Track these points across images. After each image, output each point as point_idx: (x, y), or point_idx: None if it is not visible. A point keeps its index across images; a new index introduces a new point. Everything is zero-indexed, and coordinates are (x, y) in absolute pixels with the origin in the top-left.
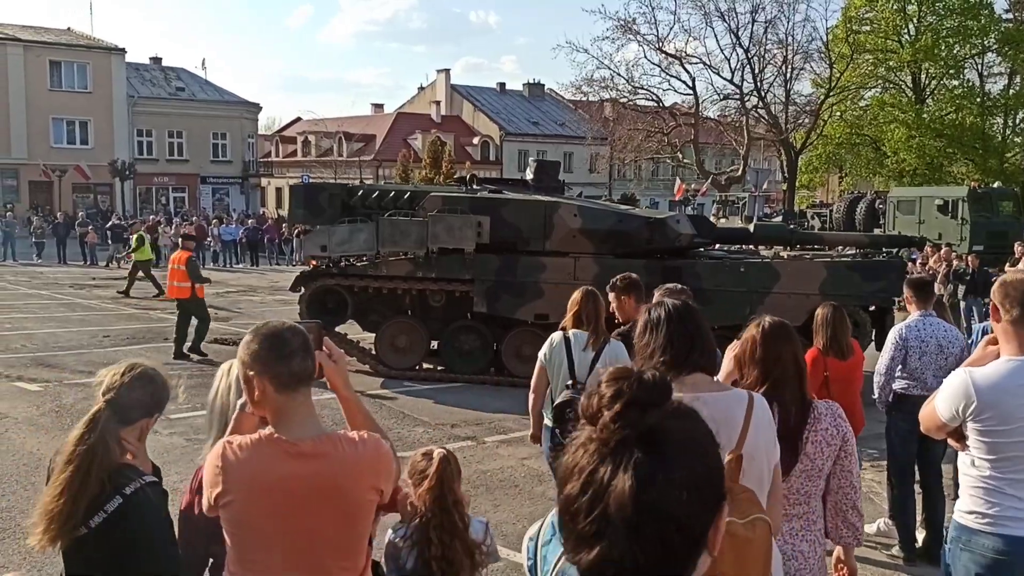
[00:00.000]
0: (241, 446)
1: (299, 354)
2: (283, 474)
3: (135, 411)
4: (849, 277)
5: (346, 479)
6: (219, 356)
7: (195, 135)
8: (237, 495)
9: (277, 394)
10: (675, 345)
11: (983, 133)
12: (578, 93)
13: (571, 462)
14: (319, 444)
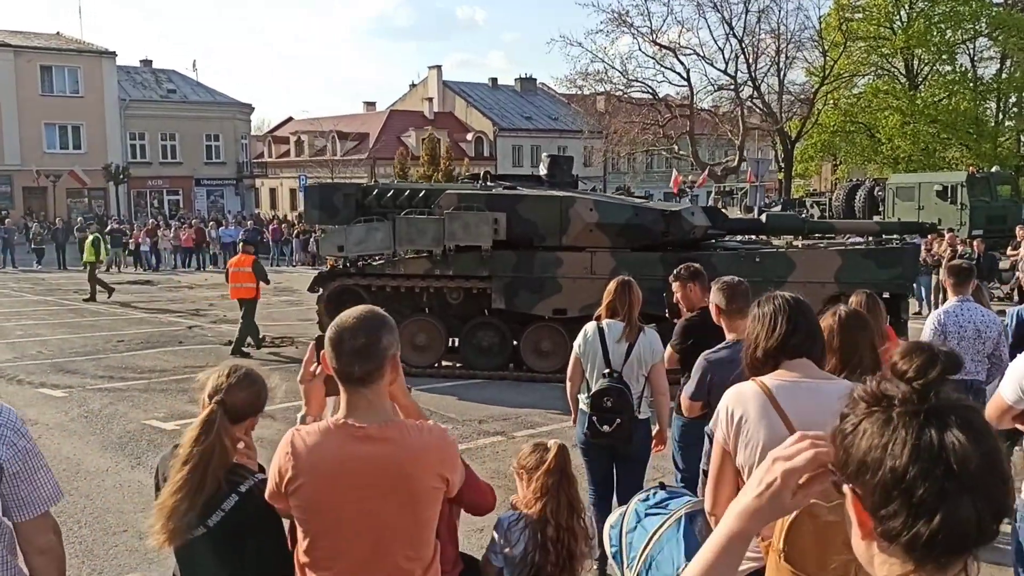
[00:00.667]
0: (310, 432)
1: (347, 357)
2: (349, 456)
3: (242, 411)
4: (864, 264)
5: (411, 464)
6: (231, 357)
7: (188, 137)
8: (307, 478)
9: (340, 384)
10: (785, 332)
11: (976, 118)
12: (573, 87)
13: (880, 440)
14: (385, 429)
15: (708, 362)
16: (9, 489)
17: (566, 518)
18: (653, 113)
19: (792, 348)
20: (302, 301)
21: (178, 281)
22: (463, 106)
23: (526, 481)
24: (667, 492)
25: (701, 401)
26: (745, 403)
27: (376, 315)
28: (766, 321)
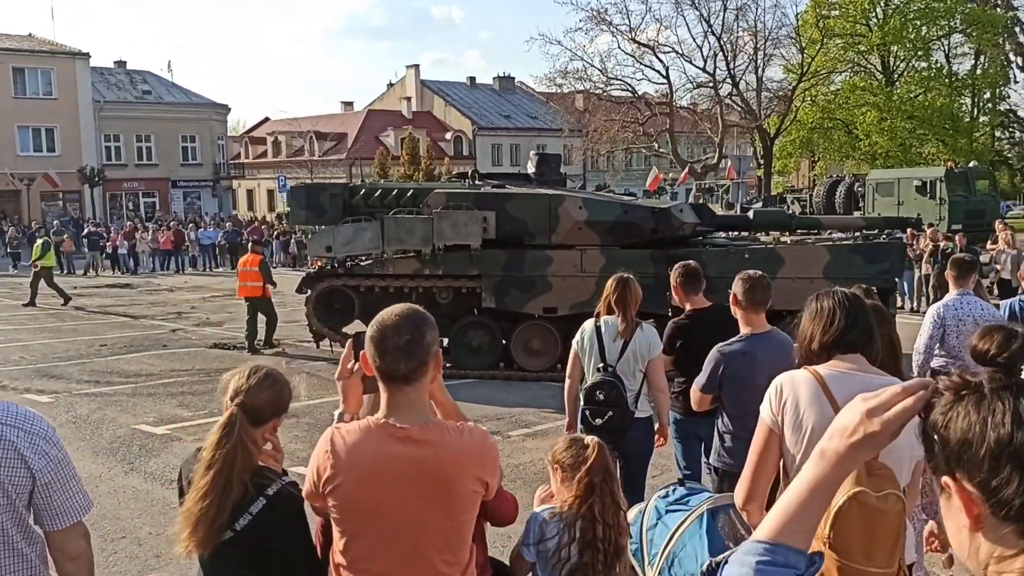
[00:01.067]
0: (350, 431)
1: (391, 355)
2: (390, 456)
3: (264, 412)
4: (851, 260)
5: (451, 465)
6: (222, 361)
7: (164, 138)
8: (345, 478)
9: (382, 381)
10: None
11: (952, 114)
12: (553, 85)
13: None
14: (426, 430)
15: (722, 354)
16: (43, 499)
17: (612, 515)
18: (633, 111)
19: (848, 343)
20: (286, 303)
21: (158, 284)
22: (441, 105)
23: (564, 478)
24: (687, 488)
25: (712, 394)
26: (796, 388)
27: (417, 312)
28: (824, 315)
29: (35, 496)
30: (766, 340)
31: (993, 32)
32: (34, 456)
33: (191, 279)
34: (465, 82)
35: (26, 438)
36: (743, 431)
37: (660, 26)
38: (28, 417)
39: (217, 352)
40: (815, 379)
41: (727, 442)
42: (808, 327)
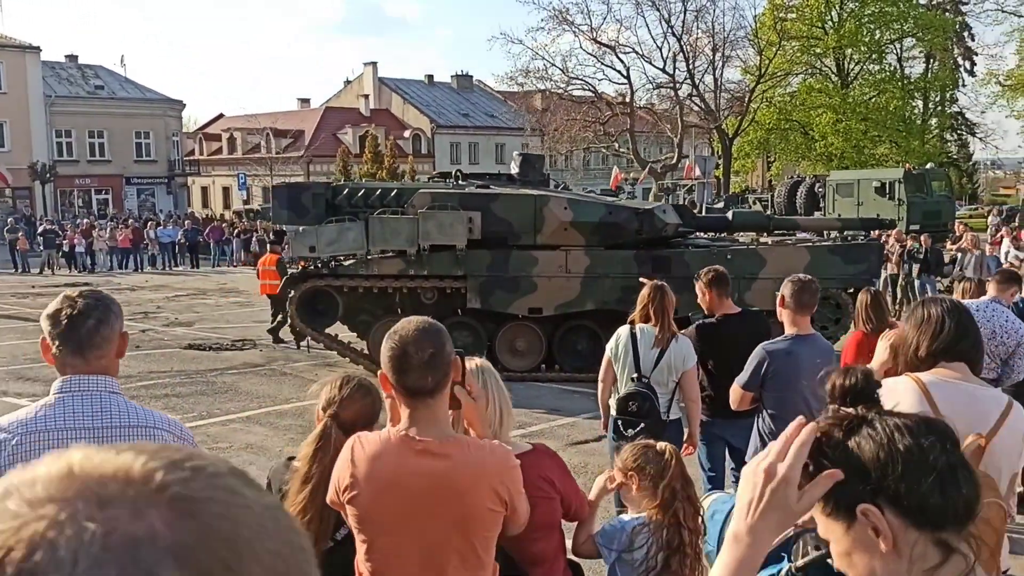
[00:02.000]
0: (370, 441)
1: (417, 370)
2: (406, 470)
3: (356, 424)
4: (831, 260)
5: (467, 481)
6: (197, 362)
7: (117, 134)
8: (362, 488)
9: (403, 397)
10: (954, 335)
11: (904, 116)
12: (514, 84)
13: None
14: (446, 444)
15: (767, 352)
16: None
17: (692, 519)
18: (593, 111)
19: (957, 352)
20: (252, 303)
21: (118, 283)
22: (400, 103)
23: (642, 487)
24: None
25: (753, 392)
26: (897, 395)
27: (434, 323)
28: (932, 322)
29: None
30: (810, 342)
31: (944, 36)
32: None
33: (152, 278)
34: (423, 80)
35: (180, 444)
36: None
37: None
38: (176, 424)
39: (193, 353)
40: (917, 386)
41: (768, 441)
42: (913, 334)
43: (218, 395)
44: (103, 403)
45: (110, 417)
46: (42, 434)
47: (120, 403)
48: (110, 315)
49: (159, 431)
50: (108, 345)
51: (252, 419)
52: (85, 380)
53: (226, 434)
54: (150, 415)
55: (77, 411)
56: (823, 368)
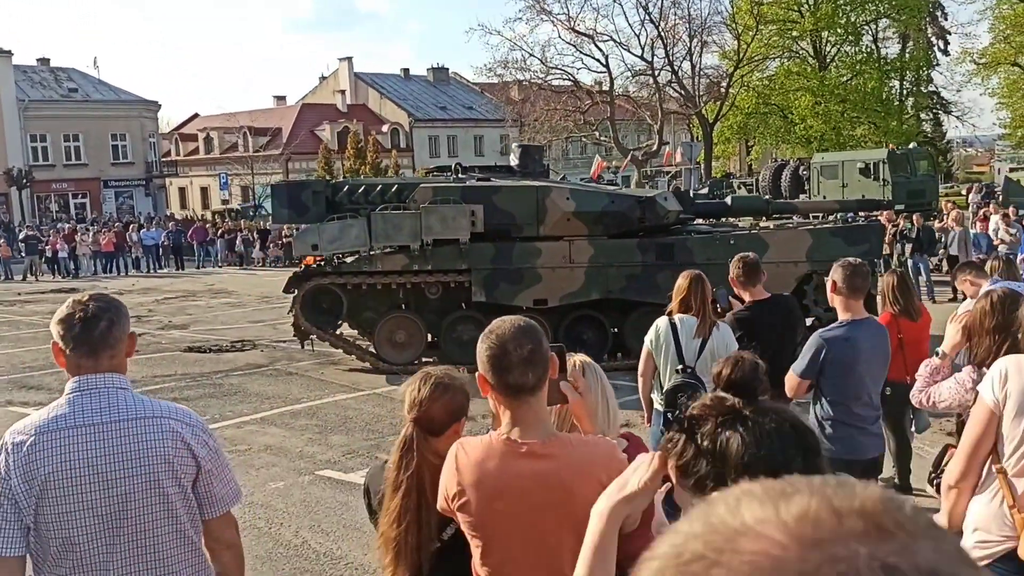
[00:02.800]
0: (473, 447)
1: (519, 367)
2: (512, 473)
3: (441, 422)
4: (833, 243)
5: (574, 478)
6: (200, 364)
7: (93, 137)
8: (471, 495)
9: (503, 397)
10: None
11: (882, 96)
12: (493, 76)
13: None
14: (549, 444)
15: (824, 340)
16: (204, 487)
17: None
18: (573, 100)
19: None
20: (243, 303)
21: (104, 287)
22: (376, 98)
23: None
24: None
25: (810, 379)
26: (1022, 374)
27: (529, 321)
28: None
29: (199, 484)
30: (866, 326)
31: (919, 16)
32: (198, 446)
33: (138, 281)
34: (399, 74)
35: (189, 430)
36: (844, 416)
37: (598, 15)
38: (186, 412)
39: (195, 356)
40: None
41: (828, 429)
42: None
43: (227, 397)
44: (111, 399)
45: (118, 411)
46: (54, 433)
47: (128, 397)
48: (120, 316)
49: (167, 419)
50: (120, 345)
51: (267, 420)
52: (96, 379)
53: (243, 436)
54: (158, 406)
55: (87, 408)
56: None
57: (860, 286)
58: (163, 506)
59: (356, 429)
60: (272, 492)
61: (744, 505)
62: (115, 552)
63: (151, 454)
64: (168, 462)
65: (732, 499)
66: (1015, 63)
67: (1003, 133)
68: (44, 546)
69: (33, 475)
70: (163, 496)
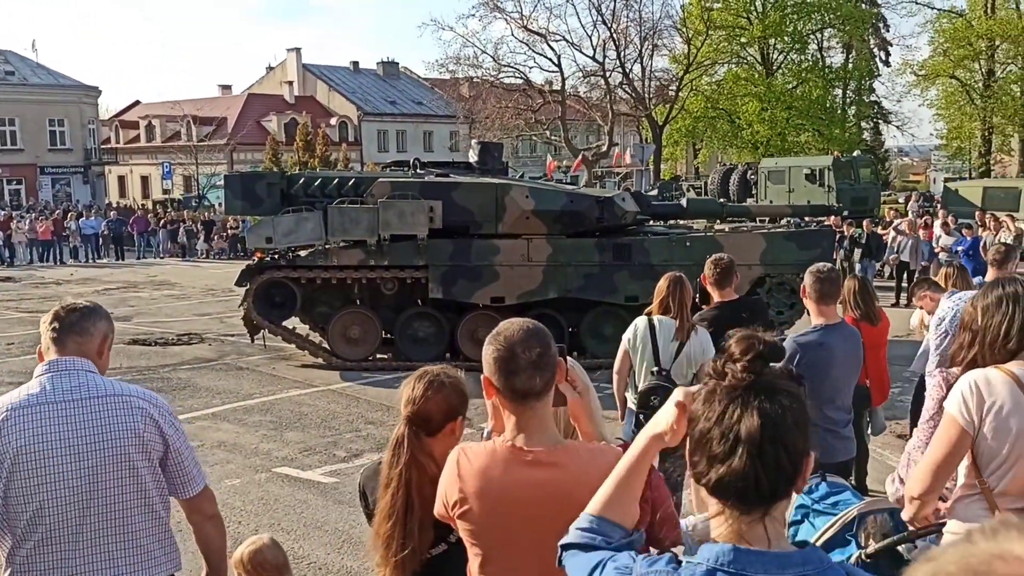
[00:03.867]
0: (476, 454)
1: (527, 370)
2: (516, 481)
3: (436, 420)
4: (786, 247)
5: (581, 489)
6: (146, 358)
7: (29, 122)
8: (473, 503)
9: (509, 402)
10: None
11: (826, 104)
12: (445, 71)
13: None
14: (554, 453)
15: (798, 345)
16: (175, 464)
17: None
18: (524, 98)
19: None
20: (188, 295)
21: (41, 277)
22: (325, 90)
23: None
24: (828, 486)
25: None
26: (995, 391)
27: (537, 324)
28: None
29: (169, 462)
30: (839, 331)
31: (862, 27)
32: (166, 425)
33: (77, 271)
34: (348, 67)
35: (157, 410)
36: (818, 420)
37: (551, 14)
38: (155, 396)
39: (140, 348)
40: (1012, 380)
41: None
42: (999, 322)
43: (177, 392)
44: (81, 379)
45: (87, 389)
46: (26, 410)
47: (97, 379)
48: (94, 315)
49: (135, 398)
50: (88, 336)
51: (219, 416)
52: (64, 361)
53: (194, 432)
54: (126, 387)
55: (58, 387)
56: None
57: (829, 291)
58: (133, 480)
59: (312, 426)
60: (228, 489)
61: (1001, 535)
62: (85, 525)
63: (122, 429)
64: (139, 436)
65: (989, 529)
66: (953, 76)
67: (940, 144)
68: (13, 520)
69: (4, 449)
70: (133, 470)
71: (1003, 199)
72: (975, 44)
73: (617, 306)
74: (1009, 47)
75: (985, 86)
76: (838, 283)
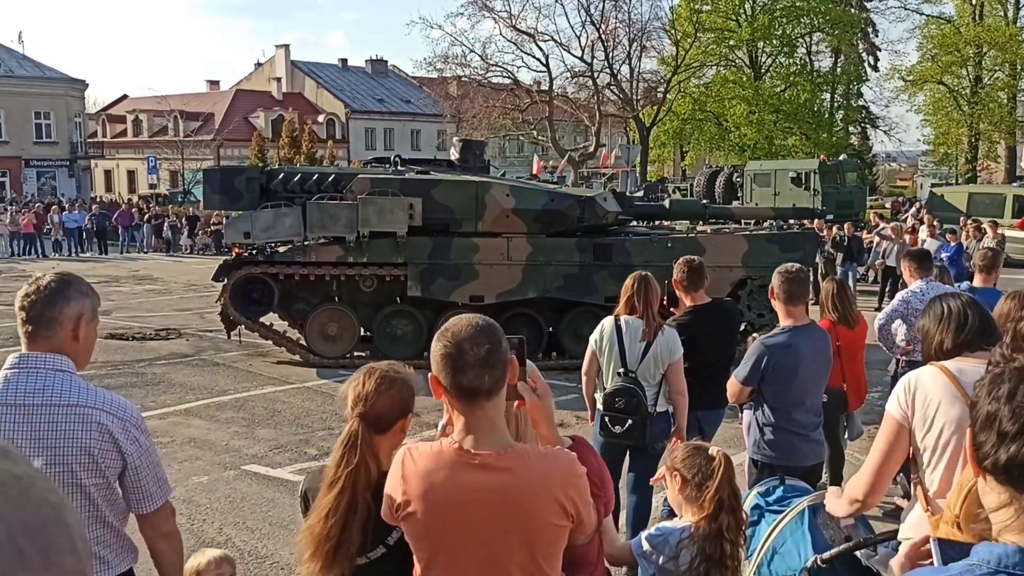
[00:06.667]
0: (422, 455)
1: (475, 368)
2: (464, 486)
3: (387, 418)
4: (768, 249)
5: (530, 495)
6: (122, 352)
7: (15, 115)
8: (417, 506)
9: (457, 401)
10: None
11: (814, 108)
12: (433, 70)
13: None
14: (504, 457)
15: (766, 347)
16: (133, 482)
17: (735, 532)
18: (512, 98)
19: (979, 343)
20: (169, 291)
21: (22, 270)
22: (313, 87)
23: (687, 491)
24: (785, 487)
25: (752, 386)
26: (927, 386)
27: (488, 319)
28: (955, 318)
29: (126, 479)
30: (807, 332)
31: (851, 32)
32: (126, 441)
33: (58, 264)
34: (337, 64)
35: (120, 424)
36: (785, 423)
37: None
38: (121, 404)
39: (117, 343)
40: (944, 375)
41: (768, 435)
42: (935, 328)
43: (150, 387)
44: (47, 380)
45: (50, 395)
46: None
47: (65, 381)
48: (62, 298)
49: (98, 411)
50: (56, 327)
51: (191, 412)
52: (33, 358)
53: (166, 428)
54: (93, 395)
55: (20, 387)
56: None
57: (797, 292)
58: (80, 498)
59: (285, 423)
60: (195, 487)
61: None
62: None
63: (71, 444)
64: (89, 454)
65: None
66: (941, 82)
67: (927, 149)
68: None
69: None
70: (80, 488)
71: (988, 205)
72: (963, 50)
73: (597, 307)
74: (996, 54)
75: (972, 92)
76: (806, 283)
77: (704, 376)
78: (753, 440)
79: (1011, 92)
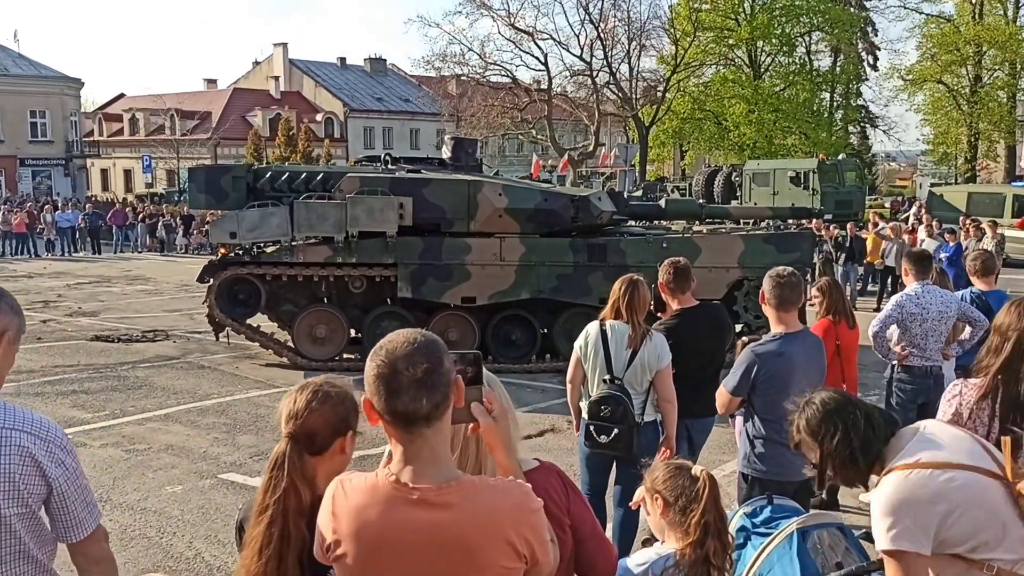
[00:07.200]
0: (355, 489)
1: (410, 390)
2: (400, 525)
3: (323, 436)
4: (765, 249)
5: (475, 535)
6: (106, 355)
7: (10, 113)
8: (348, 547)
9: (393, 428)
10: None
11: (813, 107)
12: (431, 68)
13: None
14: (445, 492)
15: (756, 355)
16: (59, 508)
17: (722, 558)
18: (511, 97)
19: None
20: (160, 291)
21: (14, 270)
22: (311, 86)
23: (669, 514)
24: (773, 507)
25: (742, 396)
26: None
27: (428, 335)
28: None
29: (52, 505)
30: (800, 339)
31: (850, 31)
32: (51, 465)
33: (51, 264)
34: (335, 63)
35: (43, 446)
36: (777, 435)
37: (538, 13)
38: (44, 424)
39: (101, 345)
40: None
41: (758, 448)
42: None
43: (131, 391)
44: None
45: None
46: None
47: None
48: None
49: (20, 433)
50: None
51: (171, 417)
52: None
53: (143, 434)
54: (13, 416)
55: None
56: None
57: (789, 297)
58: (2, 530)
59: (267, 429)
60: (168, 497)
61: None
62: None
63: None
64: (11, 482)
65: None
66: (940, 81)
67: (926, 149)
68: None
69: None
70: (1, 519)
71: (988, 204)
72: (963, 49)
73: (591, 308)
74: (996, 53)
75: (972, 92)
76: (799, 288)
77: (692, 382)
78: (743, 454)
79: (1011, 91)
